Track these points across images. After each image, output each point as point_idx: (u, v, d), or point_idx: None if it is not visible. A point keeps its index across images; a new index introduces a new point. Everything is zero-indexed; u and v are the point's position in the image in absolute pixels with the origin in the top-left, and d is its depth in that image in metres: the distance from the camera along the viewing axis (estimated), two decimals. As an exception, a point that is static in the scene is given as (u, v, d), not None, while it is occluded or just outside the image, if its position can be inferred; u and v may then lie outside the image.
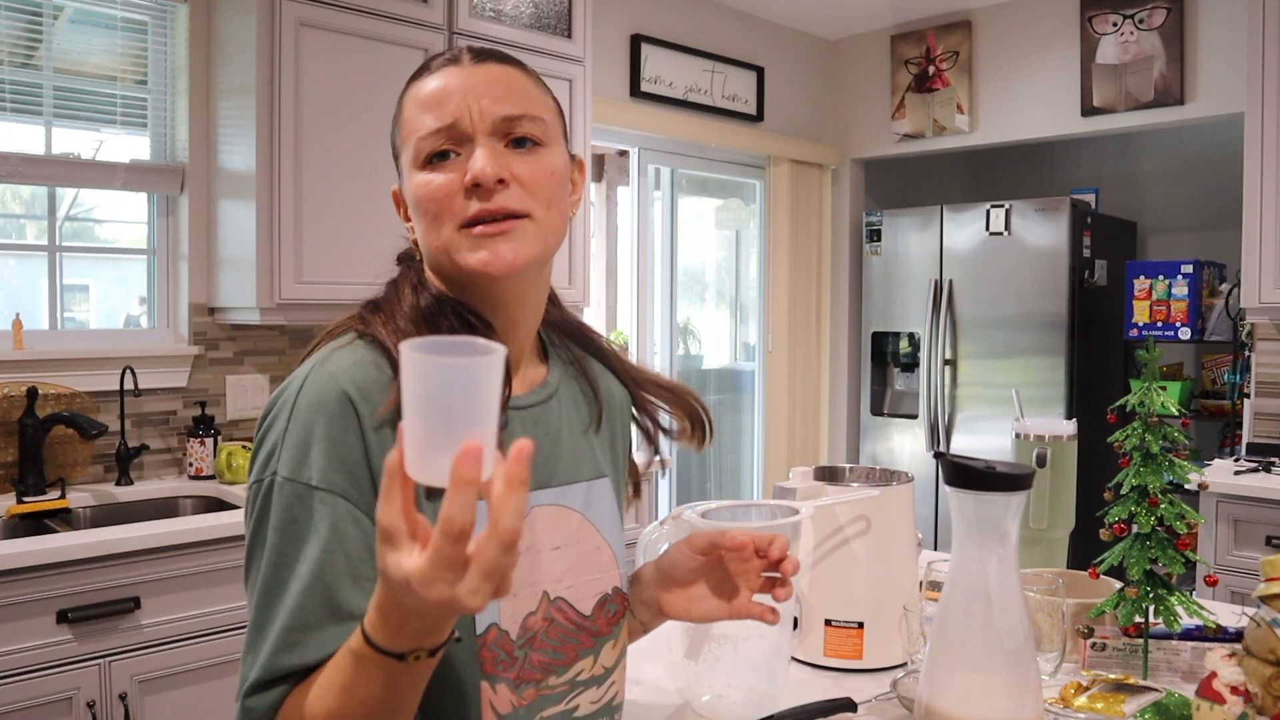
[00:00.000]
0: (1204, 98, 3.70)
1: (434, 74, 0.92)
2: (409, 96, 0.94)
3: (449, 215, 0.88)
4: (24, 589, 1.94)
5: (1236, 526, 2.92)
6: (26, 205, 2.74)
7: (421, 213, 0.90)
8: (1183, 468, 1.27)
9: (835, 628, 1.36)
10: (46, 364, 2.54)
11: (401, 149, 0.93)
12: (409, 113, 0.92)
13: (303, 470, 0.83)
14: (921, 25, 4.45)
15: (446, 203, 0.88)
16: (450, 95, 0.89)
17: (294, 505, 0.82)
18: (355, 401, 0.84)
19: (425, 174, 0.89)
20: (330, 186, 2.68)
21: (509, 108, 0.89)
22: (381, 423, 0.84)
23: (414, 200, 0.90)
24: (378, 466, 0.83)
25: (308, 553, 0.81)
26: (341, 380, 0.85)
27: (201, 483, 2.69)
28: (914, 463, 4.39)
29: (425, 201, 0.89)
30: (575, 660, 0.96)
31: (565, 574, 0.95)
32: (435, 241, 0.90)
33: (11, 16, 2.56)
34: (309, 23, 2.61)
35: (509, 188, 0.88)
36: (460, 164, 0.88)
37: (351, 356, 0.88)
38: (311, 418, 0.84)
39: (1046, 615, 1.18)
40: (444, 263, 0.91)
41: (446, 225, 0.88)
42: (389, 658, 0.70)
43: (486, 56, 0.93)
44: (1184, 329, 3.78)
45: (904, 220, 4.42)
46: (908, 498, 1.41)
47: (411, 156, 0.90)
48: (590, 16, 3.29)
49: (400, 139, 0.93)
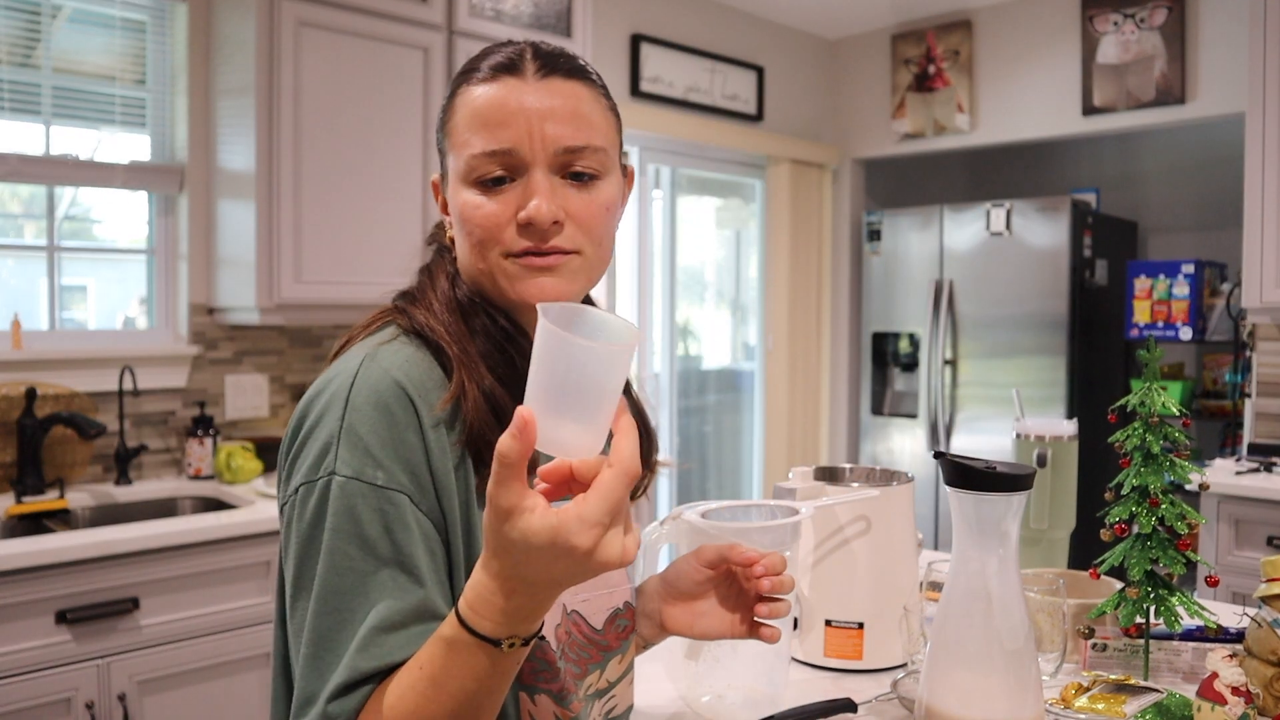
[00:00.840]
0: (1205, 97, 3.69)
1: (493, 82, 0.86)
2: (463, 100, 0.88)
3: (496, 244, 0.86)
4: (23, 589, 1.94)
5: (1238, 527, 2.92)
6: (25, 205, 2.74)
7: (466, 232, 0.87)
8: (1184, 468, 1.27)
9: (835, 628, 1.36)
10: (45, 364, 2.54)
11: (449, 152, 0.89)
12: (461, 121, 0.87)
13: (366, 469, 0.79)
14: (922, 25, 4.45)
15: (495, 232, 0.85)
16: (510, 117, 0.84)
17: (359, 506, 0.79)
18: (414, 399, 0.82)
19: (475, 195, 0.86)
20: (330, 186, 2.68)
21: (571, 138, 0.85)
22: (438, 421, 0.82)
23: (459, 216, 0.88)
24: (436, 466, 0.82)
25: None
26: (397, 376, 0.82)
27: (201, 483, 2.69)
28: (914, 463, 4.39)
29: (472, 225, 0.86)
30: (585, 675, 0.95)
31: (580, 588, 0.92)
32: (479, 264, 0.88)
33: (10, 16, 2.56)
34: (308, 22, 2.61)
35: (562, 228, 0.86)
36: (514, 193, 0.85)
37: (402, 353, 0.85)
38: (370, 415, 0.80)
39: (1047, 615, 1.17)
40: (484, 284, 0.89)
41: (493, 251, 0.86)
42: (486, 644, 0.69)
43: (553, 68, 0.87)
44: (1185, 329, 3.77)
45: (904, 220, 4.42)
46: (908, 498, 1.40)
47: (461, 171, 0.87)
48: (590, 16, 3.29)
49: (449, 143, 0.89)
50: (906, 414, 4.48)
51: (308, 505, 0.80)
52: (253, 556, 2.25)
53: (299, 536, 0.80)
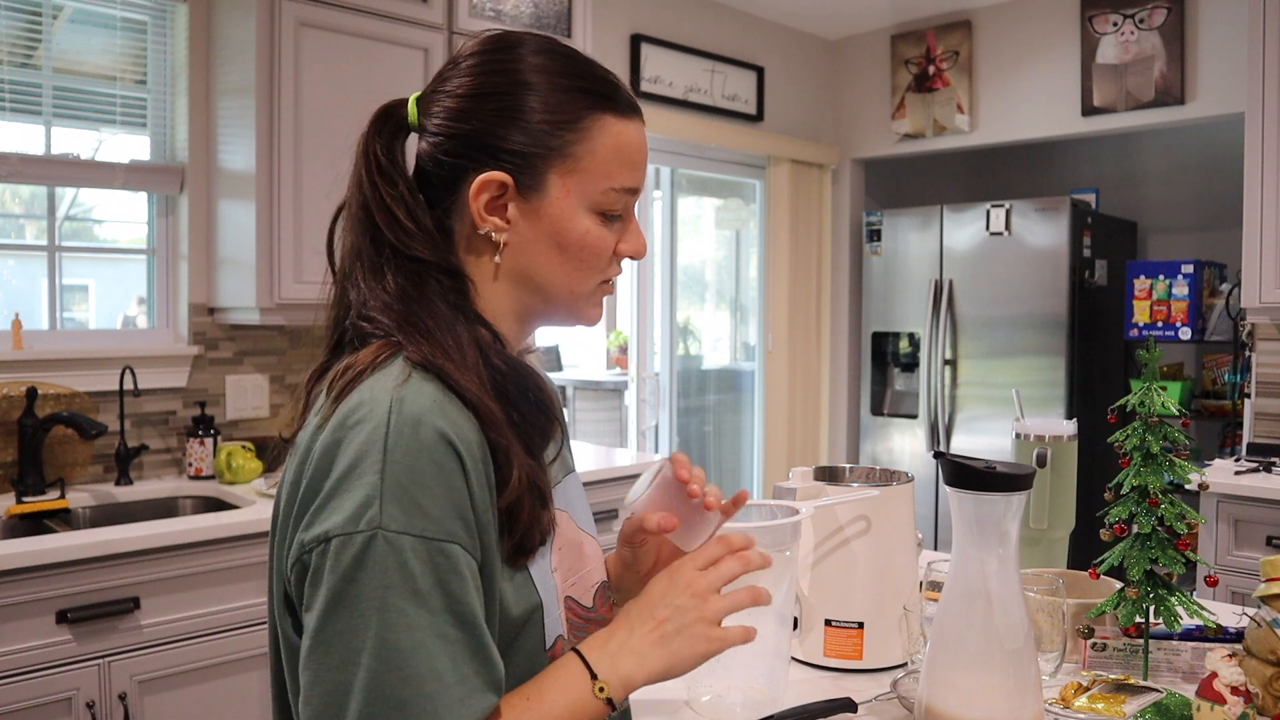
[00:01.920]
0: (1204, 97, 3.69)
1: (631, 120, 0.94)
2: (608, 130, 0.91)
3: (600, 272, 0.94)
4: (23, 589, 1.94)
5: (1237, 527, 2.92)
6: (26, 205, 2.74)
7: (573, 255, 0.92)
8: (1183, 468, 1.27)
9: (835, 628, 1.36)
10: (46, 364, 2.54)
11: (567, 172, 0.90)
12: (605, 150, 0.91)
13: (415, 521, 0.77)
14: (921, 25, 4.45)
15: (604, 259, 0.93)
16: (644, 161, 0.95)
17: (411, 560, 0.76)
18: (456, 446, 0.80)
19: (598, 225, 0.92)
20: (330, 186, 2.67)
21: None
22: (476, 462, 0.81)
23: (575, 241, 0.92)
24: (480, 510, 0.81)
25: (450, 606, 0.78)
26: (437, 422, 0.80)
27: (201, 483, 2.69)
28: (914, 463, 4.39)
29: (589, 251, 0.92)
30: None
31: (569, 573, 0.95)
32: (577, 286, 0.94)
33: (11, 16, 2.56)
34: (309, 22, 2.61)
35: None
36: (619, 225, 0.94)
37: (428, 395, 0.81)
38: (415, 464, 0.78)
39: (1046, 615, 1.17)
40: (564, 300, 0.95)
41: (594, 277, 0.94)
42: (585, 667, 0.87)
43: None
44: (1184, 329, 3.78)
45: (904, 220, 4.42)
46: (908, 498, 1.40)
47: (592, 199, 0.91)
48: (590, 16, 3.29)
49: (573, 163, 0.90)
50: (906, 414, 4.48)
51: (340, 559, 0.76)
52: (253, 556, 2.25)
53: (325, 592, 0.77)
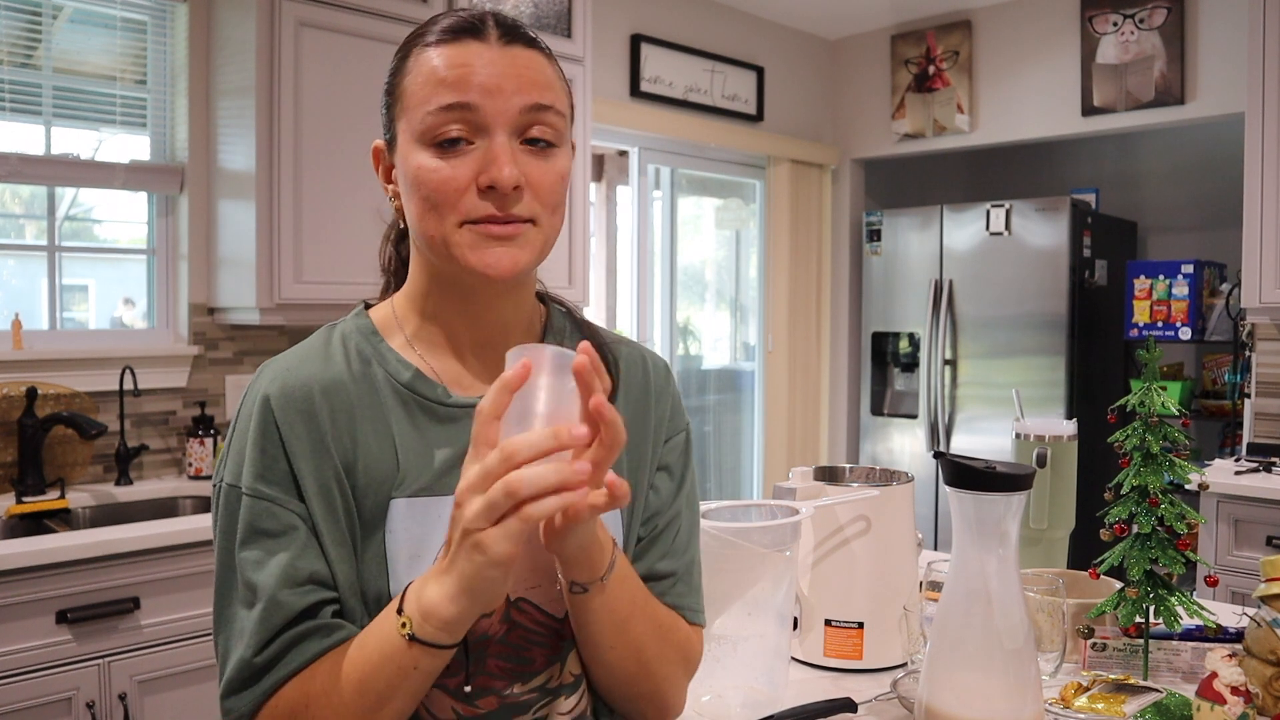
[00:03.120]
0: (1204, 97, 3.69)
1: (453, 43, 0.84)
2: (420, 59, 0.85)
3: (452, 210, 0.83)
4: (23, 589, 1.94)
5: (1237, 527, 2.92)
6: (26, 205, 2.74)
7: (421, 197, 0.84)
8: (1183, 468, 1.27)
9: (835, 628, 1.36)
10: (46, 364, 2.54)
11: (400, 115, 0.87)
12: (418, 80, 0.85)
13: None
14: (921, 25, 4.45)
15: (454, 197, 0.83)
16: (472, 75, 0.83)
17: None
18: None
19: (432, 158, 0.83)
20: (330, 186, 2.68)
21: (533, 95, 0.84)
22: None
23: (413, 181, 0.85)
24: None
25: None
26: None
27: (201, 483, 2.69)
28: (914, 463, 4.39)
29: (429, 189, 0.84)
30: (544, 666, 0.90)
31: (530, 574, 0.88)
32: (433, 230, 0.85)
33: (11, 16, 2.56)
34: (309, 22, 2.61)
35: (521, 194, 0.84)
36: (473, 156, 0.83)
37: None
38: None
39: (1046, 615, 1.17)
40: (439, 252, 0.86)
41: (449, 218, 0.84)
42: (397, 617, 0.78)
43: (514, 36, 0.87)
44: (1184, 329, 3.78)
45: (904, 220, 4.42)
46: (908, 498, 1.40)
47: (417, 131, 0.84)
48: (590, 16, 3.29)
49: (402, 105, 0.86)
50: (906, 414, 4.48)
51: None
52: (253, 556, 2.25)
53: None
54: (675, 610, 0.97)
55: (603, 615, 0.86)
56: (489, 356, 0.93)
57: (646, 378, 1.02)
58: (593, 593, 0.84)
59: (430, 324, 0.93)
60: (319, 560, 0.85)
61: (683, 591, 0.99)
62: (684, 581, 0.99)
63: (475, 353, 0.93)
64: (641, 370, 1.02)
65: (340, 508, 0.86)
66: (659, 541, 0.99)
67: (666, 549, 0.99)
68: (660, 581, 0.98)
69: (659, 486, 1.00)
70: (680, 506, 1.01)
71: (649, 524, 0.99)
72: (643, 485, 0.98)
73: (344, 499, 0.86)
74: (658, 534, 0.99)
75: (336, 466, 0.86)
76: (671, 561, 0.99)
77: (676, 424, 1.03)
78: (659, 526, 0.99)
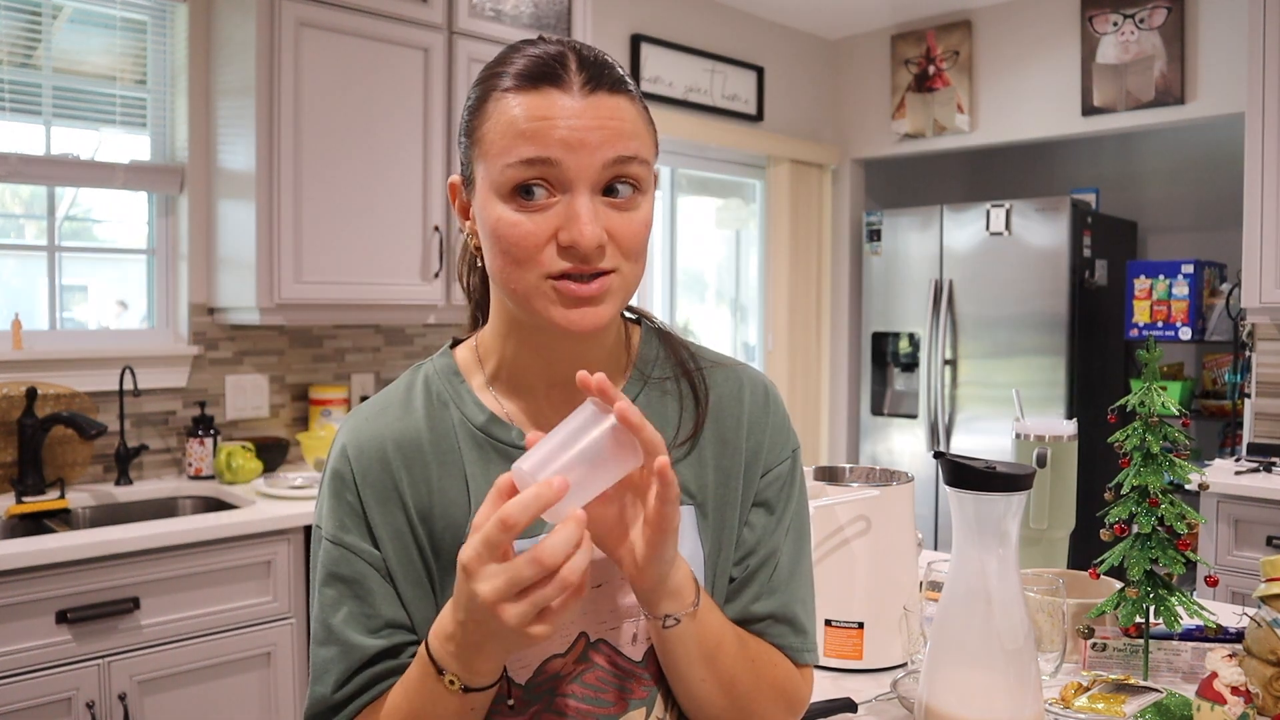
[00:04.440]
0: (1204, 97, 3.69)
1: (534, 92, 0.80)
2: (500, 106, 0.82)
3: (534, 264, 0.81)
4: (23, 589, 1.94)
5: (1237, 527, 2.92)
6: (26, 205, 2.74)
7: (501, 251, 0.82)
8: (1183, 468, 1.27)
9: (835, 628, 1.36)
10: (46, 364, 2.54)
11: (479, 159, 0.84)
12: (497, 128, 0.81)
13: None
14: (921, 25, 4.45)
15: (534, 252, 0.80)
16: (553, 129, 0.79)
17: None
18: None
19: (512, 211, 0.81)
20: (330, 186, 2.68)
21: (617, 147, 0.81)
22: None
23: (492, 233, 0.82)
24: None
25: None
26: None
27: (201, 483, 2.69)
28: (914, 463, 4.39)
29: (509, 243, 0.81)
30: (625, 709, 0.89)
31: (608, 614, 0.88)
32: (514, 284, 0.83)
33: (11, 16, 2.56)
34: (308, 22, 2.61)
35: (603, 252, 0.81)
36: (554, 211, 0.80)
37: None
38: None
39: (1047, 615, 1.17)
40: (520, 304, 0.84)
41: (531, 272, 0.81)
42: (433, 666, 0.80)
43: (599, 82, 0.82)
44: (1184, 329, 3.78)
45: (904, 220, 4.42)
46: (908, 498, 1.40)
47: (496, 183, 0.81)
48: (590, 16, 3.29)
49: (480, 150, 0.83)
50: (906, 414, 4.48)
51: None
52: (253, 556, 2.25)
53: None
54: (780, 650, 0.94)
55: (692, 646, 0.85)
56: (566, 395, 0.88)
57: (739, 406, 0.96)
58: (684, 623, 0.83)
59: (510, 364, 0.93)
60: (392, 605, 0.89)
61: (782, 633, 0.94)
62: (784, 622, 0.94)
63: (550, 392, 0.92)
64: (736, 399, 0.96)
65: (416, 554, 0.89)
66: (753, 581, 0.94)
67: (761, 589, 0.93)
68: (757, 624, 0.93)
69: (754, 523, 0.95)
70: (778, 543, 0.95)
71: (742, 564, 0.94)
72: (732, 524, 0.93)
73: (418, 544, 0.89)
74: (751, 574, 0.94)
75: (410, 514, 0.89)
76: (768, 602, 0.93)
77: (777, 454, 0.97)
78: (751, 566, 0.94)
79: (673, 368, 0.96)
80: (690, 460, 0.93)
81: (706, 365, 0.97)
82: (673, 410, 0.94)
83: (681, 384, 0.95)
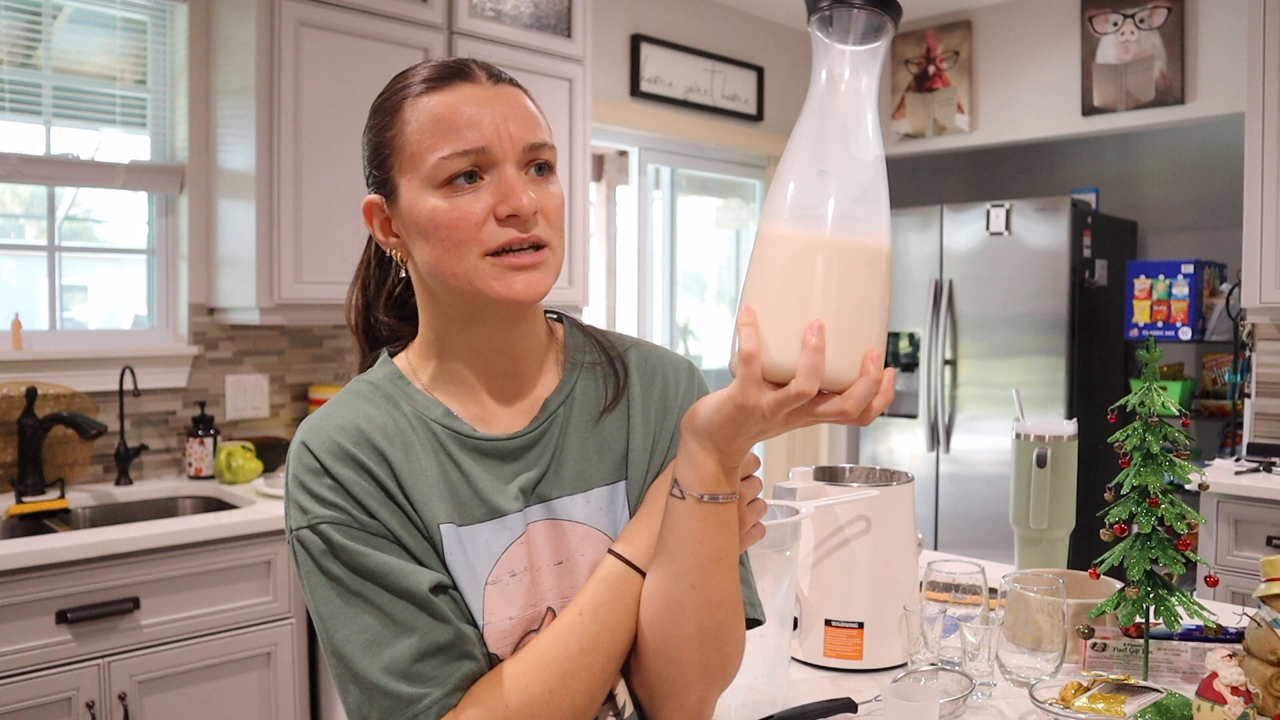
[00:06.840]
0: (1204, 97, 3.69)
1: (448, 90, 0.89)
2: (416, 108, 0.89)
3: (474, 243, 0.87)
4: (23, 589, 1.94)
5: (1237, 527, 2.92)
6: (26, 205, 2.74)
7: (439, 238, 0.87)
8: (1183, 468, 1.27)
9: (835, 628, 1.36)
10: (45, 364, 2.54)
11: (403, 166, 0.90)
12: (419, 130, 0.89)
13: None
14: (921, 25, 4.45)
15: (474, 230, 0.86)
16: (477, 115, 0.87)
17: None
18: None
19: (445, 199, 0.87)
20: (330, 186, 2.68)
21: (533, 134, 0.89)
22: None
23: (429, 224, 0.88)
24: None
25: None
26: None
27: (201, 483, 2.69)
28: (914, 463, 4.39)
29: (448, 228, 0.87)
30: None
31: (570, 589, 0.93)
32: (456, 268, 0.87)
33: (11, 16, 2.56)
34: (308, 22, 2.61)
35: (538, 219, 0.89)
36: (487, 190, 0.87)
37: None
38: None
39: (1047, 615, 1.17)
40: (461, 287, 0.88)
41: (471, 253, 0.87)
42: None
43: (499, 76, 0.92)
44: (1184, 329, 3.78)
45: (904, 220, 4.42)
46: (908, 498, 1.40)
47: (425, 177, 0.88)
48: (590, 16, 3.29)
49: (403, 156, 0.90)
50: (906, 414, 4.48)
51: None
52: (253, 556, 2.26)
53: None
54: None
55: (708, 539, 0.85)
56: (506, 388, 0.96)
57: (665, 383, 1.02)
58: (723, 502, 0.84)
59: (446, 366, 0.95)
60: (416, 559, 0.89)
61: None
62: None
63: (492, 387, 0.96)
64: (661, 376, 1.03)
65: (408, 519, 0.88)
66: None
67: None
68: None
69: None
70: None
71: None
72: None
73: (404, 511, 0.88)
74: None
75: (388, 487, 0.88)
76: None
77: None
78: None
79: (598, 353, 1.03)
80: (620, 426, 0.99)
81: (623, 347, 1.04)
82: (602, 387, 1.01)
83: (605, 366, 1.02)
